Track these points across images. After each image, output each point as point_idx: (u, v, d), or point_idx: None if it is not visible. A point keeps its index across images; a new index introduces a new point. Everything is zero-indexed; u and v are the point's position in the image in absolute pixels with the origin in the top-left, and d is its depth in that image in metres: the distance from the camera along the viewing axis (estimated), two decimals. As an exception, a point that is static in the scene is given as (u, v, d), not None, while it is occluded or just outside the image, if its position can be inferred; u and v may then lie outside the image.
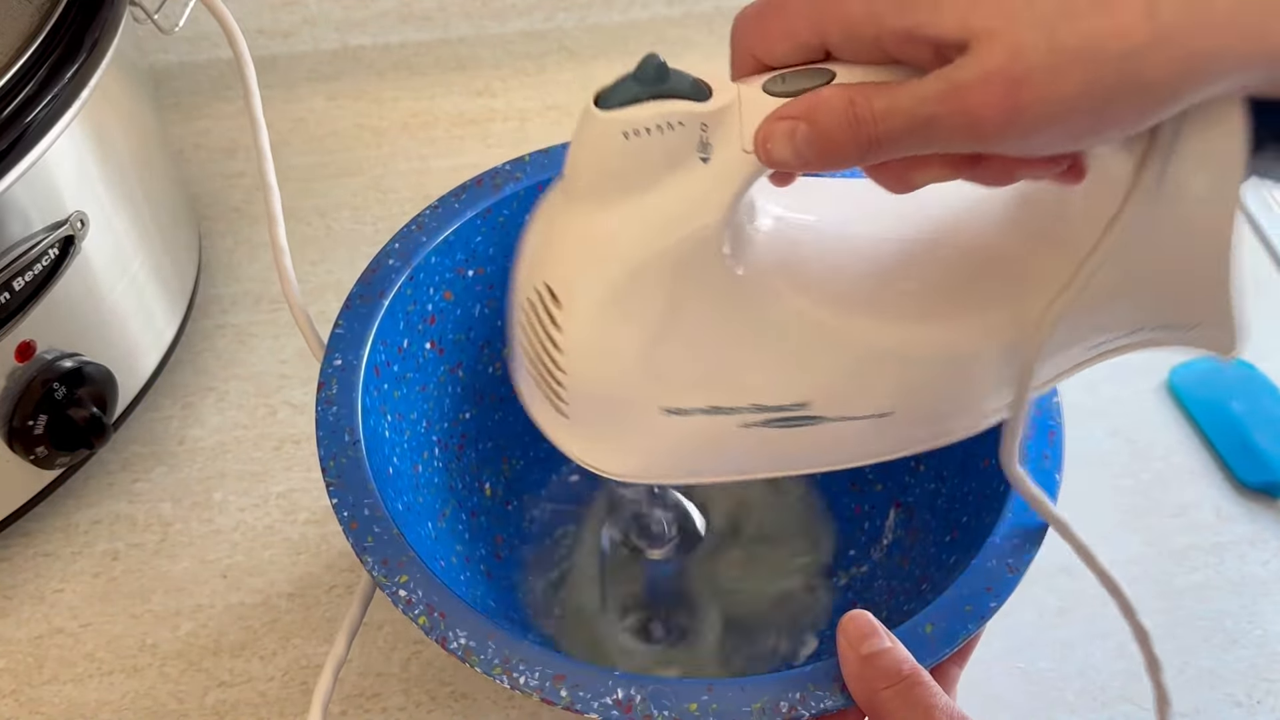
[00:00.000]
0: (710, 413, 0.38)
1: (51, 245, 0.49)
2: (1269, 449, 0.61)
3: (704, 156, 0.33)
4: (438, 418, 0.51)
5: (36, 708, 0.52)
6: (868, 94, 0.30)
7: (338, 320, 0.47)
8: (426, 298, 0.50)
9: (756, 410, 0.38)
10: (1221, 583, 0.57)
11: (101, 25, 0.50)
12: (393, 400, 0.48)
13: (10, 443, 0.52)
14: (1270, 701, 0.54)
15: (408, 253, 0.49)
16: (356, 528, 0.41)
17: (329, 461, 0.43)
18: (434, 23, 0.82)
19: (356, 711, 0.52)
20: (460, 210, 0.50)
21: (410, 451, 0.49)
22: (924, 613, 0.40)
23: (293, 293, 0.49)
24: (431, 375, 0.51)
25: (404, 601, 0.39)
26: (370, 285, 0.48)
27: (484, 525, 0.54)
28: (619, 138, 0.32)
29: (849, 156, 0.31)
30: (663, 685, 0.37)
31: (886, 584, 0.50)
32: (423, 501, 0.48)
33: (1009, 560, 0.41)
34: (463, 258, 0.50)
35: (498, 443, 0.55)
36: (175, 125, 0.76)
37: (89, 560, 0.57)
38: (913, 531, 0.50)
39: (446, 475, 0.52)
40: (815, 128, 0.31)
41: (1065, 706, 0.53)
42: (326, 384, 0.45)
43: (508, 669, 0.38)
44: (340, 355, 0.46)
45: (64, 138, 0.48)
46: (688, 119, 0.32)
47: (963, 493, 0.47)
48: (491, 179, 0.51)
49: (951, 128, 0.30)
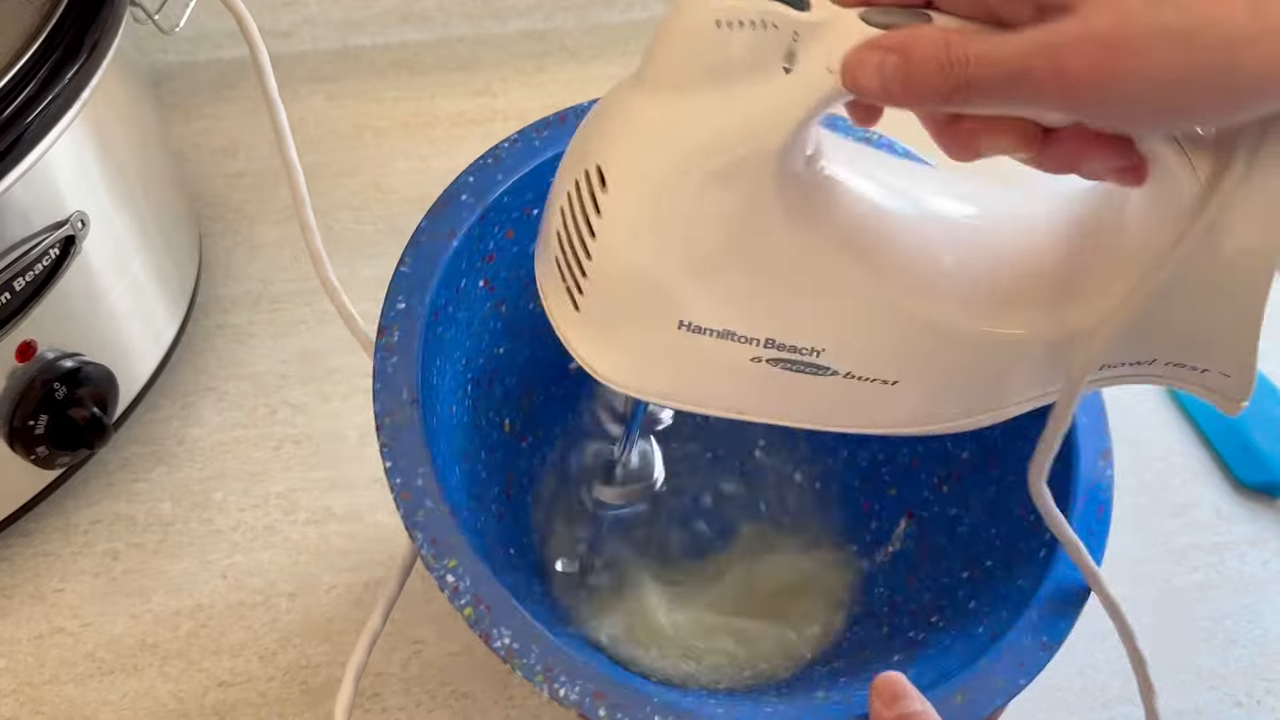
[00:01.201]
0: (724, 336, 0.38)
1: (52, 245, 0.49)
2: (1269, 449, 0.61)
3: (787, 66, 0.33)
4: (475, 354, 0.49)
5: (37, 707, 0.52)
6: (965, 37, 0.31)
7: (403, 258, 0.44)
8: (490, 235, 0.47)
9: (769, 346, 0.38)
10: (1221, 583, 0.57)
11: (102, 25, 0.50)
12: (443, 344, 0.45)
13: (10, 443, 0.52)
14: (1270, 701, 0.54)
15: (481, 189, 0.45)
16: (408, 499, 0.39)
17: (384, 418, 0.40)
18: (434, 23, 0.82)
19: (357, 711, 0.52)
20: (541, 149, 0.47)
21: (448, 394, 0.46)
22: (959, 677, 0.40)
23: (326, 271, 0.47)
24: (477, 312, 0.48)
25: (451, 588, 0.38)
26: (439, 221, 0.44)
27: (499, 461, 0.52)
28: (711, 24, 0.32)
29: (935, 96, 0.31)
30: (702, 709, 0.37)
31: (889, 595, 0.50)
32: (453, 445, 0.46)
33: (1044, 637, 0.41)
34: (532, 198, 0.47)
35: (523, 378, 0.53)
36: (175, 125, 0.76)
37: (89, 560, 0.57)
38: (924, 549, 0.50)
39: (473, 413, 0.49)
40: (908, 61, 0.31)
41: (1065, 706, 0.53)
42: (387, 330, 0.42)
43: (549, 678, 0.37)
44: (404, 298, 0.43)
45: (64, 138, 0.48)
46: (782, 22, 0.32)
47: (989, 534, 0.47)
48: (576, 116, 0.48)
49: (1042, 83, 0.30)
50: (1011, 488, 0.45)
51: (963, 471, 0.49)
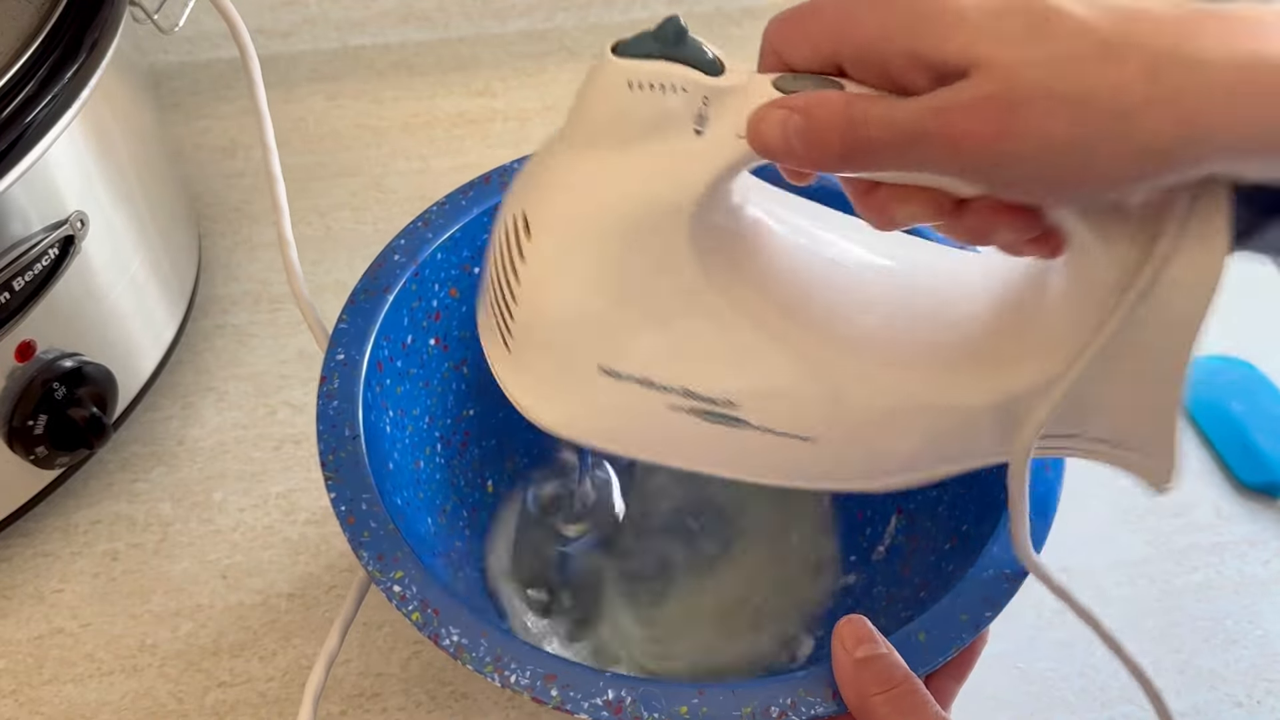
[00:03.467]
0: (643, 384, 0.38)
1: (51, 245, 0.49)
2: (1269, 449, 0.61)
3: (698, 129, 0.34)
4: (440, 414, 0.51)
5: (36, 708, 0.52)
6: (867, 101, 0.31)
7: (341, 315, 0.47)
8: (432, 294, 0.50)
9: (686, 395, 0.38)
10: (1221, 583, 0.57)
11: (101, 25, 0.50)
12: (395, 396, 0.48)
13: (10, 443, 0.52)
14: (1270, 701, 0.54)
15: (413, 249, 0.49)
16: (354, 522, 0.41)
17: (328, 455, 0.43)
18: (434, 23, 0.82)
19: (356, 711, 0.52)
20: (467, 208, 0.50)
21: (412, 447, 0.49)
22: (918, 620, 0.40)
23: (299, 285, 0.49)
24: (435, 371, 0.51)
25: (398, 597, 0.40)
26: (375, 280, 0.48)
27: (484, 521, 0.54)
28: (623, 86, 0.33)
29: (834, 155, 0.32)
30: (654, 687, 0.38)
31: (885, 590, 0.50)
32: (423, 497, 0.48)
33: (1006, 570, 0.41)
34: (469, 255, 0.50)
35: (501, 440, 0.55)
36: (175, 125, 0.76)
37: (89, 560, 0.57)
38: (913, 538, 0.50)
39: (448, 471, 0.52)
40: (810, 121, 0.31)
41: (1065, 706, 0.53)
42: (328, 378, 0.45)
43: (499, 667, 0.38)
44: (343, 350, 0.46)
45: (64, 138, 0.48)
46: (691, 87, 0.33)
47: (964, 500, 0.47)
48: (499, 176, 0.51)
49: (938, 146, 0.30)
50: None
51: None
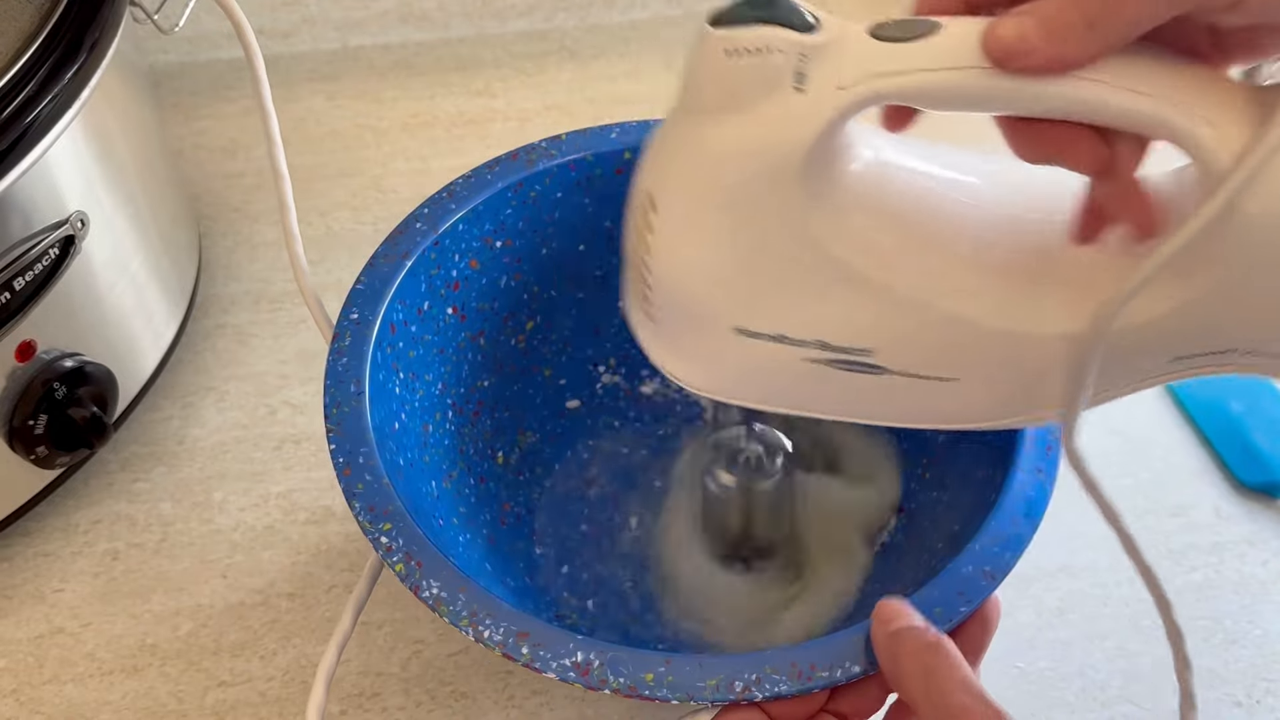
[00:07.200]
0: (778, 340, 0.39)
1: (52, 245, 0.49)
2: (1269, 449, 0.61)
3: (798, 86, 0.34)
4: (454, 382, 0.52)
5: (37, 708, 0.52)
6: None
7: (359, 277, 0.47)
8: (451, 264, 0.50)
9: (822, 348, 0.39)
10: (1221, 583, 0.57)
11: (101, 25, 0.50)
12: (407, 359, 0.48)
13: (10, 442, 0.52)
14: (1270, 701, 0.54)
15: (435, 218, 0.49)
16: (349, 474, 0.42)
17: (332, 409, 0.44)
18: (434, 23, 0.82)
19: (356, 711, 0.52)
20: (492, 181, 0.50)
21: (421, 411, 0.49)
22: None
23: (304, 280, 0.50)
24: (451, 340, 0.51)
25: (384, 548, 0.40)
26: (395, 245, 0.48)
27: (492, 491, 0.54)
28: (721, 54, 0.34)
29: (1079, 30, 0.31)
30: (622, 652, 0.38)
31: (881, 588, 0.50)
32: (429, 460, 0.49)
33: (986, 567, 0.41)
34: (491, 228, 0.51)
35: (514, 414, 0.55)
36: (175, 125, 0.76)
37: (89, 560, 0.57)
38: (912, 537, 0.50)
39: (458, 439, 0.52)
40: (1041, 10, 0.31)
41: (1065, 706, 0.53)
42: (340, 335, 0.46)
43: (474, 622, 0.38)
44: (357, 310, 0.47)
45: (64, 138, 0.48)
46: (787, 46, 0.34)
47: (960, 501, 0.47)
48: (527, 154, 0.51)
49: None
50: (977, 453, 0.45)
51: (940, 453, 0.50)
